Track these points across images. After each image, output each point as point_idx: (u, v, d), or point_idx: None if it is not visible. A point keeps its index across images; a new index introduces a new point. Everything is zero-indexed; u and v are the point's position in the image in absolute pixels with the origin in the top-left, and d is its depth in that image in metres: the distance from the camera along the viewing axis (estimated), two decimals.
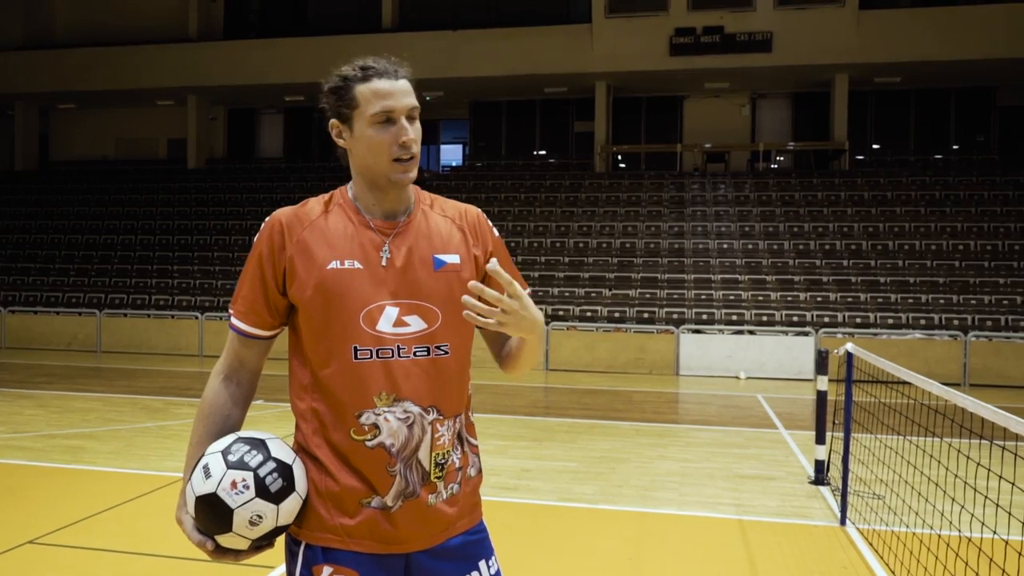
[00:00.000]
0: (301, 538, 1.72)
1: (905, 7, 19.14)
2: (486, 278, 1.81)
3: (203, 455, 1.66)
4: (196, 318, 16.08)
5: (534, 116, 22.45)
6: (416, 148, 1.73)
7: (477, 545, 1.79)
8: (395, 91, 1.71)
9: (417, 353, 1.70)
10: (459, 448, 1.78)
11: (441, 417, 1.72)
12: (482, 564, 1.78)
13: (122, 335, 16.29)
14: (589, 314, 15.59)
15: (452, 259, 1.77)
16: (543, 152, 22.50)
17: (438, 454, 1.71)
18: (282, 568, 2.02)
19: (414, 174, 1.74)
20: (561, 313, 15.61)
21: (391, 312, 1.70)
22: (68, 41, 23.17)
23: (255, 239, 1.77)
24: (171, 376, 12.74)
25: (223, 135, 24.11)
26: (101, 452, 7.06)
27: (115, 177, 22.78)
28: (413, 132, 1.72)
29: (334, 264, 1.70)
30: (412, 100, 1.73)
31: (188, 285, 18.29)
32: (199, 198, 21.41)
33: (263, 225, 1.77)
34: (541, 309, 15.73)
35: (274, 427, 7.89)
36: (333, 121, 1.77)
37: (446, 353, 1.73)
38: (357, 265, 1.70)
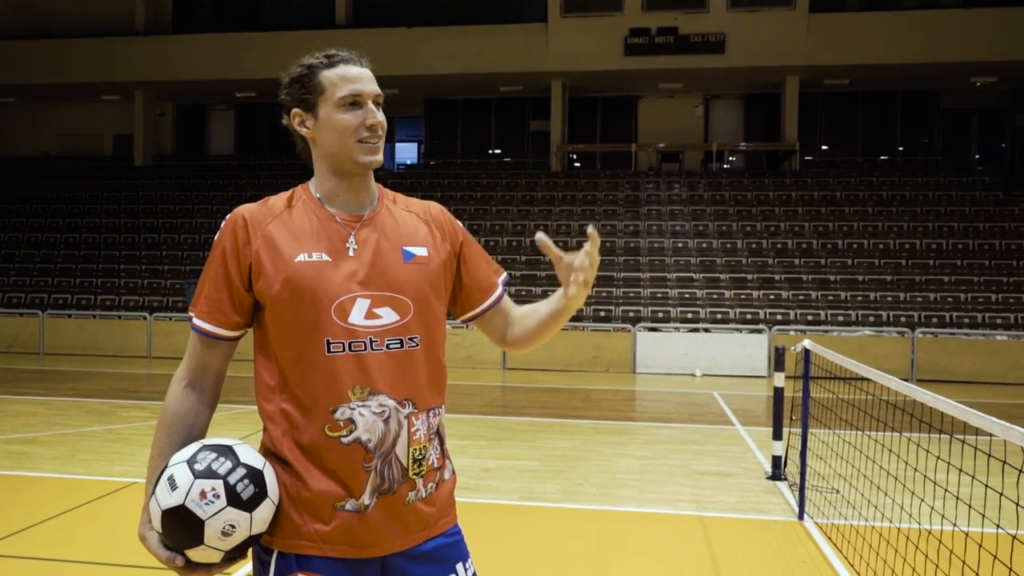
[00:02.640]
0: (273, 546, 1.65)
1: (853, 11, 19.56)
2: (460, 265, 1.84)
3: (166, 466, 1.58)
4: (144, 319, 15.66)
5: (490, 115, 22.39)
6: (382, 133, 1.75)
7: (453, 547, 1.77)
8: (362, 76, 1.75)
9: (390, 345, 1.67)
10: (438, 447, 1.75)
11: (416, 411, 1.69)
12: (459, 567, 1.75)
13: (67, 336, 15.80)
14: None
15: (420, 251, 1.76)
16: (499, 151, 22.44)
17: (415, 449, 1.68)
18: (246, 570, 1.94)
19: (380, 158, 1.75)
20: None
21: (363, 304, 1.66)
22: (7, 32, 22.34)
23: (216, 236, 1.72)
24: (118, 378, 12.38)
25: (172, 131, 23.50)
26: (45, 457, 6.82)
27: (58, 174, 22.05)
28: (380, 116, 1.74)
29: (302, 257, 1.67)
30: (377, 88, 1.76)
31: (136, 285, 17.82)
32: (147, 196, 20.86)
33: (225, 222, 1.72)
34: None
35: (230, 430, 7.71)
36: (296, 110, 1.75)
37: (417, 345, 1.71)
38: (325, 257, 1.67)
